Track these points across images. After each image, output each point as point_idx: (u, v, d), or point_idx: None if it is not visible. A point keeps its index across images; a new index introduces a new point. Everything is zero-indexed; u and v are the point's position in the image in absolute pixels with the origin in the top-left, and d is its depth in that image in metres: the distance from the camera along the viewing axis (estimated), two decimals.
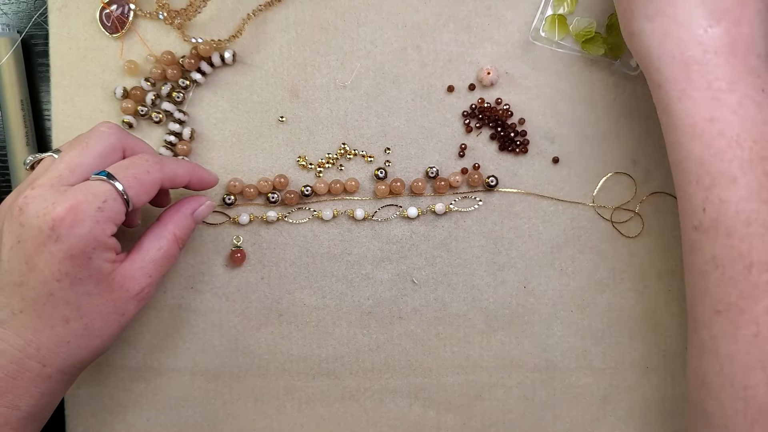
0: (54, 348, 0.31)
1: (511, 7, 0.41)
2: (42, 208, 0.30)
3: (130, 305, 0.34)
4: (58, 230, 0.30)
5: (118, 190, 0.32)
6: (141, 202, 0.33)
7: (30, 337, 0.31)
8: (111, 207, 0.31)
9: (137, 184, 0.32)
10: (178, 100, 0.41)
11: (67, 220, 0.30)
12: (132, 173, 0.32)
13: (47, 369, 0.32)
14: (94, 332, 0.32)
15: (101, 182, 0.31)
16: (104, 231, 0.31)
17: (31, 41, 0.42)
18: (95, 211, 0.30)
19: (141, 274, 0.34)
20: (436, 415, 0.42)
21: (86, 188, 0.31)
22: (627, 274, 0.41)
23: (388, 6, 0.41)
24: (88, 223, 0.30)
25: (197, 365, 0.41)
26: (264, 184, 0.41)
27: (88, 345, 0.33)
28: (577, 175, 0.41)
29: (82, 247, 0.30)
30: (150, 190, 0.33)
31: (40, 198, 0.30)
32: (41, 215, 0.30)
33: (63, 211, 0.30)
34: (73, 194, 0.31)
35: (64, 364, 0.32)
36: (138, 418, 0.41)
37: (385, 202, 0.41)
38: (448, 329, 0.42)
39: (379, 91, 0.41)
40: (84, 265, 0.31)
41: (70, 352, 0.32)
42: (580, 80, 0.41)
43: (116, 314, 0.33)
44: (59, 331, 0.31)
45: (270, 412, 0.42)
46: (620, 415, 0.42)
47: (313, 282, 0.41)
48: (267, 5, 0.40)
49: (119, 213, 0.32)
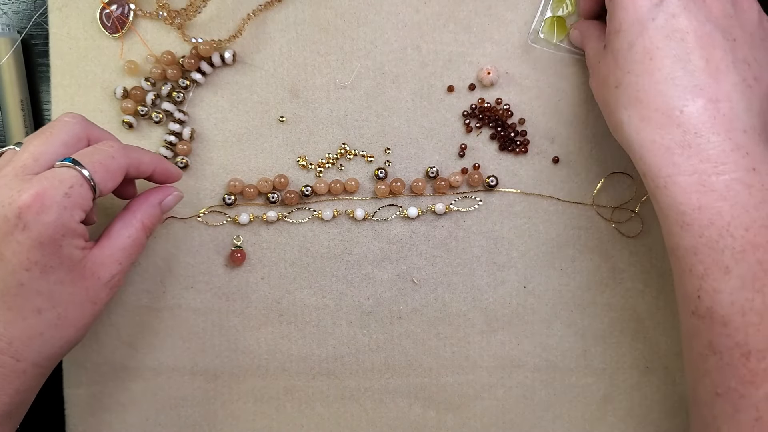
0: (27, 341, 0.31)
1: (511, 8, 0.41)
2: (7, 196, 0.29)
3: (101, 293, 0.33)
4: (25, 218, 0.29)
5: (84, 176, 0.31)
6: (107, 188, 0.32)
7: (1, 331, 0.30)
8: (78, 193, 0.30)
9: (103, 169, 0.32)
10: (178, 100, 0.41)
11: (33, 207, 0.29)
12: (97, 159, 0.32)
13: (21, 364, 0.31)
14: (68, 322, 0.32)
15: (67, 168, 0.31)
16: (72, 217, 0.30)
17: (31, 41, 0.42)
18: (62, 197, 0.30)
19: (111, 261, 0.33)
20: (436, 415, 0.42)
21: (52, 175, 0.30)
22: (627, 274, 0.41)
23: (388, 6, 0.41)
24: (56, 209, 0.29)
25: (197, 365, 0.41)
26: (264, 184, 0.41)
27: (62, 336, 0.32)
28: (577, 175, 0.41)
29: (50, 233, 0.29)
30: (116, 175, 0.33)
31: (4, 187, 0.30)
32: (6, 204, 0.29)
33: (29, 198, 0.29)
34: (39, 181, 0.30)
35: (39, 357, 0.31)
36: (138, 418, 0.41)
37: (385, 202, 0.42)
38: (448, 329, 0.42)
39: (379, 91, 0.41)
40: (54, 252, 0.30)
41: (43, 345, 0.31)
42: (580, 80, 0.41)
43: (89, 303, 0.32)
44: (32, 323, 0.31)
45: (270, 412, 0.42)
46: (620, 415, 0.41)
47: (313, 282, 0.41)
48: (267, 5, 0.41)
49: (86, 199, 0.31)
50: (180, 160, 0.40)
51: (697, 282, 0.30)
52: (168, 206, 0.37)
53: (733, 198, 0.28)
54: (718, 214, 0.28)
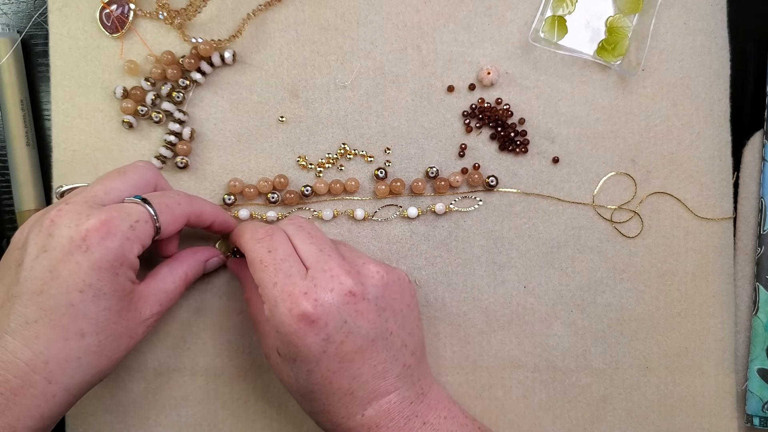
0: (63, 363, 0.30)
1: (511, 7, 0.41)
2: (75, 219, 0.31)
3: (139, 328, 0.34)
4: (89, 240, 0.30)
5: (150, 214, 0.33)
6: (168, 231, 0.34)
7: (40, 349, 0.30)
8: (142, 228, 0.32)
9: (168, 211, 0.34)
10: (178, 100, 0.41)
11: (100, 232, 0.30)
12: (165, 202, 0.34)
13: (52, 386, 0.30)
14: (106, 351, 0.32)
15: (135, 204, 0.33)
16: (132, 249, 0.32)
17: (31, 41, 0.42)
18: (127, 228, 0.31)
19: (154, 300, 0.35)
20: None
21: (120, 207, 0.32)
22: (627, 274, 0.41)
23: (388, 6, 0.41)
24: (120, 238, 0.31)
25: (197, 365, 0.41)
26: (264, 184, 0.41)
27: (96, 364, 0.32)
28: (577, 175, 0.41)
29: (111, 260, 0.31)
30: (179, 219, 0.35)
31: (74, 211, 0.31)
32: (73, 225, 0.30)
33: (97, 223, 0.30)
34: (108, 210, 0.31)
35: (71, 382, 0.31)
36: (138, 418, 0.41)
37: (385, 202, 0.41)
38: (448, 329, 0.41)
39: (379, 91, 0.41)
40: (110, 279, 0.31)
41: (78, 370, 0.31)
42: (579, 80, 0.41)
43: (127, 336, 0.33)
44: (72, 345, 0.31)
45: (270, 412, 0.42)
46: (620, 415, 0.41)
47: None
48: (267, 5, 0.41)
49: (148, 236, 0.33)
50: (180, 160, 0.40)
51: None
52: (210, 267, 0.40)
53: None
54: None
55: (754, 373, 0.41)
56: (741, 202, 0.42)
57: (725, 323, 0.41)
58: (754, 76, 0.42)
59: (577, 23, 0.41)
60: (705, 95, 0.41)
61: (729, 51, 0.41)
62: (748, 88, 0.42)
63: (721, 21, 0.41)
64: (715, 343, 0.41)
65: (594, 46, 0.41)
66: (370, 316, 0.33)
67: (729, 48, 0.41)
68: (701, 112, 0.41)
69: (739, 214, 0.42)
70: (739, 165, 0.42)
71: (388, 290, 0.34)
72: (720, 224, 0.41)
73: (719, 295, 0.41)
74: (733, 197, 0.42)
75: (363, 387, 0.33)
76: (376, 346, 0.33)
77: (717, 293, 0.41)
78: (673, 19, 0.41)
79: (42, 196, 0.42)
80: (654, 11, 0.40)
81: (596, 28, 0.41)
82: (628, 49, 0.40)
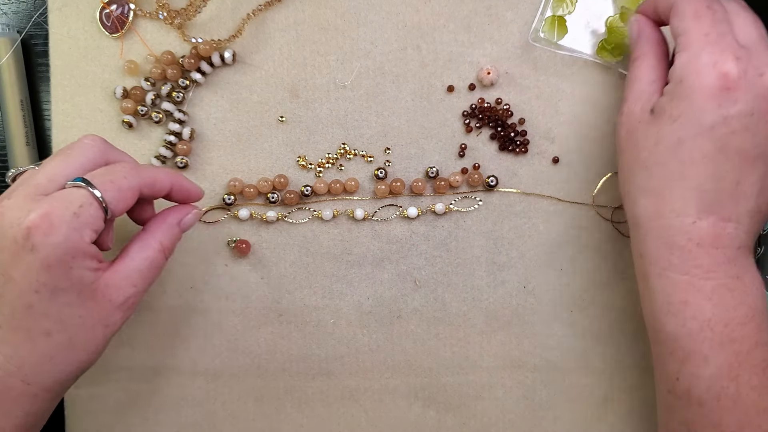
0: (36, 365, 0.30)
1: (511, 7, 0.41)
2: (16, 217, 0.29)
3: (114, 315, 0.32)
4: (33, 239, 0.28)
5: (94, 195, 0.30)
6: (119, 208, 0.31)
7: (9, 353, 0.29)
8: (88, 212, 0.30)
9: (114, 188, 0.31)
10: (178, 100, 0.41)
11: (41, 227, 0.28)
12: (108, 178, 0.31)
13: (31, 387, 0.30)
14: (79, 345, 0.31)
15: (76, 188, 0.30)
16: (82, 237, 0.29)
17: (31, 41, 0.42)
18: (71, 216, 0.29)
19: (126, 283, 0.32)
20: (435, 415, 0.42)
21: (61, 195, 0.30)
22: (627, 274, 0.41)
23: (388, 6, 0.41)
24: (64, 229, 0.29)
25: (197, 365, 0.41)
26: (264, 184, 0.41)
27: (72, 359, 0.31)
28: (577, 175, 0.41)
29: (59, 255, 0.29)
30: (128, 195, 0.32)
31: (15, 207, 0.29)
32: (15, 224, 0.29)
33: (37, 218, 0.28)
34: (48, 201, 0.29)
35: (49, 381, 0.30)
36: (138, 418, 0.41)
37: (385, 202, 0.42)
38: (448, 329, 0.42)
39: (379, 91, 0.41)
40: (63, 274, 0.29)
41: (54, 368, 0.30)
42: (580, 80, 0.41)
43: (101, 325, 0.31)
44: (41, 346, 0.30)
45: (270, 412, 0.42)
46: (620, 415, 0.41)
47: (313, 282, 0.41)
48: (267, 5, 0.41)
49: (97, 219, 0.30)
50: (180, 160, 0.40)
51: (677, 366, 0.32)
52: (187, 225, 0.36)
53: (717, 299, 0.31)
54: (701, 310, 0.31)
55: None
56: None
57: None
58: None
59: (577, 23, 0.41)
60: None
61: None
62: None
63: None
64: None
65: (594, 46, 0.41)
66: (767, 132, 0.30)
67: None
68: None
69: None
70: None
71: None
72: None
73: None
74: None
75: (715, 193, 0.30)
76: (756, 164, 0.30)
77: None
78: None
79: None
80: None
81: (596, 28, 0.41)
82: (628, 48, 0.40)
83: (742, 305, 0.30)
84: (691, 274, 0.31)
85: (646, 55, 0.35)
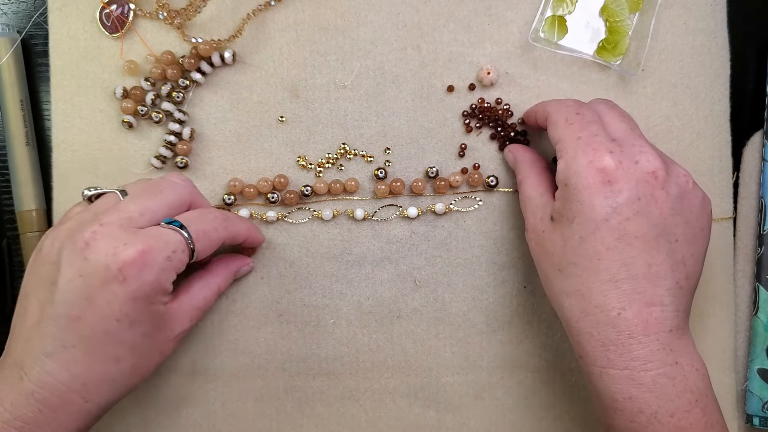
0: (99, 384, 0.31)
1: (511, 7, 0.41)
2: (112, 247, 0.30)
3: (169, 345, 0.34)
4: (126, 272, 0.30)
5: (187, 242, 0.32)
6: (203, 256, 0.34)
7: (77, 372, 0.31)
8: (178, 257, 0.32)
9: (205, 239, 0.33)
10: (178, 100, 0.41)
11: (137, 264, 0.30)
12: (202, 228, 0.33)
13: (88, 405, 0.31)
14: (139, 371, 0.33)
15: (173, 232, 0.32)
16: (168, 279, 0.32)
17: (31, 41, 0.42)
18: (164, 259, 0.31)
19: (186, 317, 0.35)
20: (436, 415, 0.42)
21: (158, 234, 0.31)
22: None
23: (388, 6, 0.41)
24: (156, 269, 0.31)
25: (197, 365, 0.41)
26: (264, 184, 0.41)
27: (130, 383, 0.33)
28: None
29: (147, 291, 0.31)
30: (214, 245, 0.34)
31: (109, 236, 0.31)
32: (110, 254, 0.30)
33: (134, 254, 0.30)
34: (145, 238, 0.31)
35: (105, 400, 0.32)
36: (138, 418, 0.41)
37: (385, 202, 0.41)
38: (448, 329, 0.41)
39: (379, 91, 0.41)
40: (145, 308, 0.31)
41: (113, 390, 0.32)
42: (580, 80, 0.41)
43: (158, 354, 0.34)
44: (108, 369, 0.31)
45: (270, 412, 0.42)
46: None
47: (313, 282, 0.41)
48: (267, 5, 0.41)
49: (183, 263, 0.32)
50: (180, 160, 0.40)
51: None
52: (242, 274, 0.40)
53: (659, 390, 0.31)
54: (646, 404, 0.31)
55: (754, 373, 0.41)
56: (741, 202, 0.42)
57: (725, 323, 0.41)
58: (754, 76, 0.42)
59: (577, 23, 0.41)
60: (705, 95, 0.41)
61: (729, 51, 0.41)
62: (748, 88, 0.42)
63: (721, 21, 0.41)
64: (715, 343, 0.41)
65: (594, 46, 0.41)
66: (663, 209, 0.31)
67: (729, 48, 0.41)
68: (701, 112, 0.41)
69: (739, 214, 0.42)
70: (739, 165, 0.42)
71: (688, 198, 0.33)
72: (720, 224, 0.41)
73: (719, 295, 0.41)
74: (733, 197, 0.42)
75: (630, 280, 0.31)
76: (659, 243, 0.31)
77: (717, 293, 0.41)
78: (673, 19, 0.41)
79: (42, 196, 0.42)
80: (654, 11, 0.40)
81: (596, 28, 0.41)
82: (628, 48, 0.40)
83: (684, 392, 0.31)
84: (630, 368, 0.31)
85: (528, 176, 0.38)
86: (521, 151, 0.39)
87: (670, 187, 0.32)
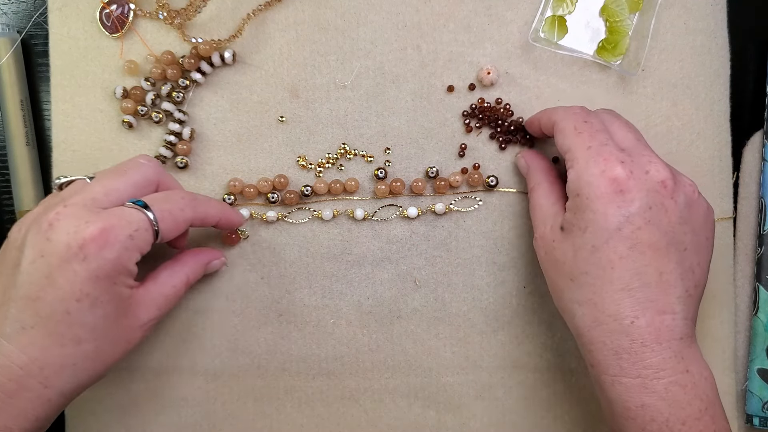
0: (59, 369, 0.30)
1: (511, 7, 0.41)
2: (73, 225, 0.30)
3: (136, 333, 0.34)
4: (87, 250, 0.29)
5: (151, 221, 0.32)
6: (169, 237, 0.33)
7: (36, 355, 0.30)
8: (141, 236, 0.31)
9: (170, 218, 0.33)
10: (178, 100, 0.41)
11: (98, 241, 0.30)
12: (167, 208, 0.33)
13: (48, 391, 0.30)
14: (101, 357, 0.32)
15: (136, 210, 0.32)
16: (131, 258, 0.31)
17: (31, 41, 0.42)
18: (126, 237, 0.30)
19: (152, 305, 0.34)
20: (436, 415, 0.42)
21: (120, 213, 0.31)
22: None
23: (388, 6, 0.41)
24: (118, 248, 0.30)
25: (197, 365, 0.41)
26: (264, 184, 0.41)
27: (92, 369, 0.32)
28: None
29: (108, 270, 0.30)
30: (180, 226, 0.34)
31: (72, 216, 0.30)
32: (72, 232, 0.30)
33: (95, 231, 0.30)
34: (108, 217, 0.31)
35: (66, 386, 0.31)
36: (138, 418, 0.41)
37: (385, 202, 0.41)
38: (448, 329, 0.41)
39: (379, 91, 0.41)
40: (107, 288, 0.30)
41: (74, 375, 0.31)
42: (580, 80, 0.41)
43: (123, 341, 0.33)
44: (68, 352, 0.30)
45: (270, 412, 0.42)
46: None
47: (313, 282, 0.41)
48: (267, 5, 0.41)
49: (147, 243, 0.32)
50: (180, 160, 0.40)
51: None
52: (212, 269, 0.39)
53: (671, 398, 0.31)
54: (658, 412, 0.31)
55: (754, 373, 0.41)
56: (741, 202, 0.42)
57: (725, 323, 0.41)
58: (754, 76, 0.42)
59: (577, 23, 0.41)
60: (705, 95, 0.41)
61: (729, 51, 0.41)
62: (748, 88, 0.42)
63: (721, 21, 0.41)
64: (715, 343, 0.41)
65: (594, 46, 0.41)
66: (672, 218, 0.32)
67: (729, 48, 0.41)
68: (701, 112, 0.41)
69: (739, 214, 0.42)
70: (739, 165, 0.42)
71: (695, 208, 0.33)
72: (720, 224, 0.41)
73: (719, 295, 0.41)
74: (733, 197, 0.42)
75: (643, 289, 0.31)
76: (669, 252, 0.32)
77: (717, 293, 0.41)
78: (673, 19, 0.41)
79: (42, 197, 0.42)
80: (654, 11, 0.40)
81: (596, 28, 0.41)
82: (628, 48, 0.40)
83: (695, 399, 0.31)
84: (642, 376, 0.31)
85: (540, 184, 0.38)
86: (535, 158, 0.39)
87: (678, 197, 0.32)
